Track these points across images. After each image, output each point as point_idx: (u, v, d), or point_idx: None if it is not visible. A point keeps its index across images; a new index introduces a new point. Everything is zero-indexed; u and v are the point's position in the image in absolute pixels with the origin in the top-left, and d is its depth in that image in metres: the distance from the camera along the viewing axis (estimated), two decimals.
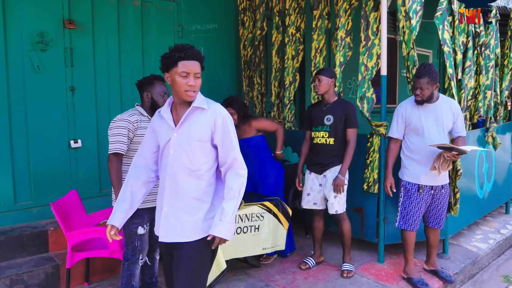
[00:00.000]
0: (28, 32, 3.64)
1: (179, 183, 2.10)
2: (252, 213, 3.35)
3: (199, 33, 4.79)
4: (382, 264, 3.78)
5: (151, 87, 2.84)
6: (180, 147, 2.08)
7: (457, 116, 3.32)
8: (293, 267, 3.75)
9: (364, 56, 3.80)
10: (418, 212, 3.36)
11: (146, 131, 2.25)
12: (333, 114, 3.55)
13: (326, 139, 3.56)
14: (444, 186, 3.39)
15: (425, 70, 3.17)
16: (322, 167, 3.58)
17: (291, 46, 4.50)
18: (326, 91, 3.56)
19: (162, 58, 2.06)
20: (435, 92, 3.25)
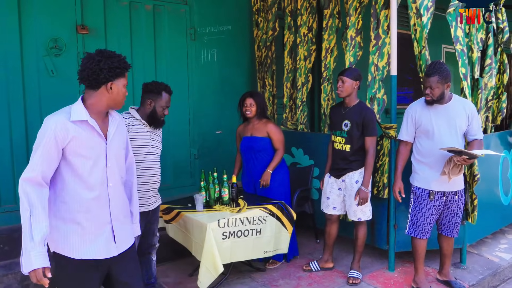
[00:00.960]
0: (42, 38, 3.78)
1: (120, 195, 2.10)
2: (253, 216, 3.30)
3: (212, 35, 4.80)
4: (392, 273, 3.63)
5: (157, 96, 2.87)
6: (114, 157, 2.06)
7: (472, 118, 3.11)
8: (298, 272, 3.68)
9: (375, 56, 3.67)
10: (429, 219, 3.20)
11: (48, 144, 1.87)
12: (351, 119, 3.40)
13: (343, 145, 3.45)
14: (458, 193, 3.19)
15: (435, 68, 3.01)
16: (340, 172, 3.49)
17: (303, 47, 4.42)
18: (349, 94, 3.40)
19: (110, 68, 1.95)
20: (446, 92, 3.07)
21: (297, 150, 4.42)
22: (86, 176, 1.94)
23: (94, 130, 1.98)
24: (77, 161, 1.92)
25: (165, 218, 3.54)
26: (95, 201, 1.98)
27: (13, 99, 3.67)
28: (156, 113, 2.86)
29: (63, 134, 1.88)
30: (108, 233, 2.03)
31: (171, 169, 4.67)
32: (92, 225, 1.98)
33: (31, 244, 1.77)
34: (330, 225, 3.64)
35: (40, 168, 1.86)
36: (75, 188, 1.94)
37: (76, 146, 1.91)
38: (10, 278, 3.22)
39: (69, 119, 1.91)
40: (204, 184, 3.53)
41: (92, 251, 1.98)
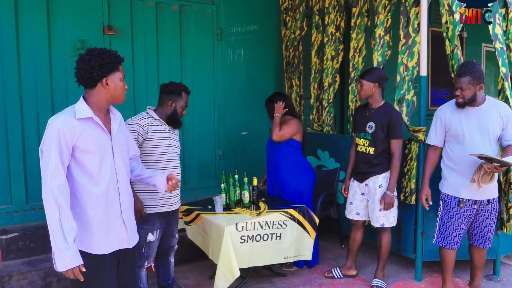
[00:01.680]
0: (70, 39, 3.86)
1: (128, 190, 2.16)
2: (273, 221, 3.22)
3: (239, 35, 4.75)
4: (419, 283, 3.45)
5: (178, 97, 2.87)
6: (119, 153, 2.11)
7: (507, 122, 2.89)
8: (320, 278, 3.57)
9: (404, 55, 3.51)
10: (458, 229, 3.01)
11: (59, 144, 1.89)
12: (376, 121, 3.27)
13: (366, 148, 3.32)
14: (491, 201, 2.98)
15: (467, 69, 2.83)
16: (363, 176, 3.36)
17: (331, 46, 4.30)
18: (370, 96, 3.29)
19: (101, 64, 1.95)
20: (479, 94, 2.87)
21: (323, 153, 4.31)
22: (96, 172, 1.99)
23: (99, 126, 2.02)
24: (85, 158, 1.96)
25: (185, 219, 3.53)
26: (105, 195, 2.02)
27: (41, 99, 3.77)
28: (176, 113, 2.87)
29: (71, 133, 1.91)
30: (121, 225, 2.10)
31: (195, 169, 4.66)
32: (105, 220, 2.03)
33: (65, 245, 1.86)
34: (355, 231, 3.52)
35: (61, 171, 1.90)
36: (85, 184, 1.98)
37: (84, 143, 1.95)
38: (34, 275, 3.30)
39: (74, 118, 1.95)
40: (224, 186, 3.49)
41: (108, 245, 2.05)
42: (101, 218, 2.01)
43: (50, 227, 1.87)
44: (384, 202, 3.21)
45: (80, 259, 1.91)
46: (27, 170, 3.74)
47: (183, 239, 3.61)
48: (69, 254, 1.86)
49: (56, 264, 1.89)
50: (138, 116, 2.81)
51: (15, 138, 3.68)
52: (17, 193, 3.73)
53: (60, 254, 1.86)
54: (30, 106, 3.74)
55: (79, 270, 1.90)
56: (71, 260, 1.87)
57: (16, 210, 3.75)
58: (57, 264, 1.88)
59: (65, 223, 1.87)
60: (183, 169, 4.55)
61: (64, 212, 1.87)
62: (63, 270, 1.88)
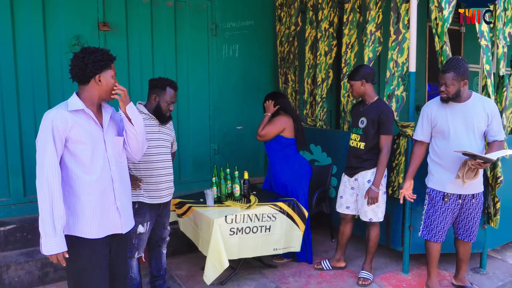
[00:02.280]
0: (65, 35, 3.93)
1: (122, 177, 2.27)
2: (263, 213, 3.30)
3: (234, 31, 4.80)
4: (406, 275, 3.52)
5: (162, 92, 2.89)
6: (111, 144, 2.22)
7: (492, 117, 2.93)
8: (310, 270, 3.65)
9: (394, 51, 3.55)
10: (443, 223, 3.07)
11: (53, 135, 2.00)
12: (367, 117, 3.33)
13: (357, 143, 3.38)
14: (475, 196, 3.04)
15: (452, 64, 2.87)
16: (353, 170, 3.43)
17: (324, 42, 4.34)
18: (362, 94, 3.35)
19: (94, 61, 2.08)
20: (463, 90, 2.92)
21: (316, 147, 4.37)
22: (88, 161, 2.11)
23: (91, 118, 2.14)
24: (78, 148, 2.08)
25: (177, 212, 3.61)
26: (98, 183, 2.13)
27: (38, 94, 3.85)
28: (160, 108, 2.89)
29: (63, 124, 2.03)
30: (114, 212, 2.22)
31: (191, 163, 4.74)
32: (99, 206, 2.14)
33: (53, 233, 1.99)
34: (344, 225, 3.59)
35: (56, 161, 2.02)
36: (78, 173, 2.09)
37: (76, 134, 2.07)
38: (31, 265, 3.40)
39: (67, 110, 2.07)
40: (216, 179, 3.56)
41: (101, 230, 2.16)
42: (95, 204, 2.13)
43: (41, 212, 2.00)
44: (368, 197, 3.27)
45: (65, 245, 2.04)
46: (25, 164, 3.84)
47: (177, 232, 3.70)
48: (55, 241, 2.00)
49: (42, 248, 2.01)
50: None
51: (12, 133, 3.77)
52: (15, 186, 3.83)
53: (47, 239, 1.99)
54: (27, 101, 3.82)
55: (62, 256, 2.04)
56: (57, 246, 2.00)
57: (14, 203, 3.84)
58: (43, 248, 2.01)
59: (56, 211, 1.99)
60: (179, 163, 4.63)
61: (56, 200, 2.00)
62: (48, 255, 2.01)
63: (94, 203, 2.13)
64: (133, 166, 2.87)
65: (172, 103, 2.93)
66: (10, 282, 3.32)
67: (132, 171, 2.87)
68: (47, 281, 3.44)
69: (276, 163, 3.75)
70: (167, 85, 2.90)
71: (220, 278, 3.33)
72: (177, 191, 4.26)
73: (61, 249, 2.02)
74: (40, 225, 2.00)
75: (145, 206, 2.91)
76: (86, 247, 2.12)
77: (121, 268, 2.39)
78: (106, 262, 2.23)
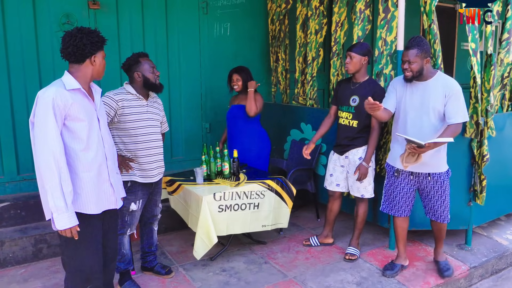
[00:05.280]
0: (55, 14, 3.91)
1: (113, 155, 2.38)
2: (251, 191, 3.36)
3: (225, 9, 4.78)
4: (392, 251, 3.61)
5: (139, 65, 2.89)
6: (103, 122, 2.33)
7: (448, 98, 2.83)
8: (298, 246, 3.73)
9: (383, 30, 3.55)
10: (402, 198, 3.11)
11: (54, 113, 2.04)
12: (360, 95, 3.34)
13: (350, 121, 3.41)
14: (432, 175, 2.99)
15: (415, 42, 2.85)
16: (343, 148, 3.46)
17: (315, 20, 4.33)
18: (358, 69, 3.33)
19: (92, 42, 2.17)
20: (425, 68, 2.88)
21: (306, 126, 4.40)
22: (86, 138, 2.18)
23: (86, 96, 2.22)
24: (76, 126, 2.14)
25: (168, 189, 3.67)
26: (95, 160, 2.22)
27: (29, 74, 3.86)
28: (148, 80, 2.89)
29: (63, 102, 2.08)
30: (109, 188, 2.33)
31: (183, 142, 4.78)
32: (96, 182, 2.23)
33: (65, 207, 2.05)
34: (333, 202, 3.65)
35: (59, 137, 2.07)
36: (76, 150, 2.16)
37: (75, 111, 2.12)
38: (25, 241, 3.48)
39: (64, 89, 2.12)
40: (205, 158, 3.61)
41: (99, 205, 2.26)
42: (93, 180, 2.21)
43: (49, 189, 2.03)
44: (359, 172, 3.32)
45: (76, 219, 2.11)
46: (18, 143, 3.87)
47: (169, 209, 3.77)
48: (67, 215, 2.06)
49: (54, 224, 2.08)
50: (114, 91, 2.88)
51: (4, 112, 3.80)
52: (8, 164, 3.88)
53: (60, 214, 2.05)
54: (18, 80, 3.83)
55: (75, 229, 2.12)
56: (69, 220, 2.07)
57: (8, 181, 3.90)
58: (56, 223, 2.06)
59: (65, 186, 2.06)
60: (171, 141, 4.67)
61: (64, 175, 2.06)
62: (62, 229, 2.07)
63: (92, 179, 2.21)
64: (124, 147, 2.91)
65: (154, 68, 2.94)
66: (4, 258, 3.40)
67: (123, 151, 2.91)
68: (40, 256, 3.52)
69: (254, 134, 3.99)
70: (138, 57, 2.92)
71: (210, 254, 3.42)
72: (169, 170, 4.33)
73: (74, 222, 2.09)
74: (50, 201, 2.03)
75: (137, 184, 2.96)
76: (83, 222, 2.19)
77: (112, 243, 2.48)
78: (100, 236, 2.32)
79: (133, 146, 2.91)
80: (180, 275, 3.26)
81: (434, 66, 3.55)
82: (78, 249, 2.23)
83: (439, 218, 3.10)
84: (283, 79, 4.81)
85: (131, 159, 2.91)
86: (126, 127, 2.87)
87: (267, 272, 3.29)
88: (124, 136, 2.89)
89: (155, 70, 2.94)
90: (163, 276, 3.22)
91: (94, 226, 2.27)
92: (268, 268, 3.35)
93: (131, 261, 3.12)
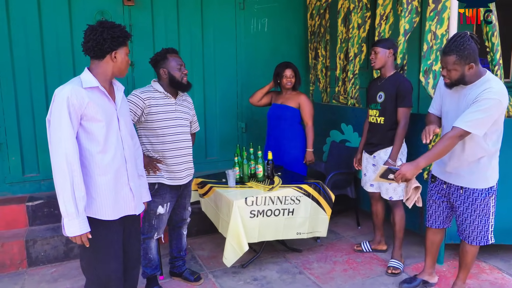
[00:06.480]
0: (90, 11, 3.89)
1: (133, 158, 2.21)
2: (286, 196, 3.15)
3: (263, 4, 4.59)
4: (440, 266, 3.28)
5: (165, 62, 2.75)
6: (124, 123, 2.16)
7: (473, 103, 2.36)
8: (336, 256, 3.48)
9: (433, 22, 3.22)
10: (431, 207, 2.80)
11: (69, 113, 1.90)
12: (385, 90, 3.16)
13: (377, 118, 3.23)
14: (465, 189, 2.57)
15: (454, 45, 2.34)
16: (372, 147, 3.28)
17: (357, 13, 4.05)
18: (384, 64, 3.16)
19: (113, 37, 2.01)
20: (468, 74, 2.38)
21: (347, 127, 4.13)
22: (103, 139, 2.03)
23: (105, 95, 2.06)
24: (93, 126, 2.00)
25: (199, 191, 3.53)
26: (112, 163, 2.07)
27: (64, 71, 3.85)
28: (174, 78, 2.75)
29: (79, 101, 1.94)
30: (128, 192, 2.16)
31: (218, 142, 4.64)
32: (113, 187, 2.08)
33: (76, 213, 1.91)
34: (375, 204, 3.44)
35: (74, 138, 1.94)
36: (93, 152, 2.02)
37: (92, 111, 1.98)
38: (57, 240, 3.45)
39: (81, 87, 1.98)
40: (238, 159, 3.44)
41: (116, 211, 2.10)
42: (109, 185, 2.06)
43: (61, 193, 1.90)
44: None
45: (88, 226, 1.97)
46: None
47: (201, 211, 3.63)
48: (78, 222, 1.92)
49: (65, 230, 1.94)
50: (141, 89, 2.76)
51: (40, 109, 3.81)
52: (43, 162, 3.89)
53: (70, 221, 1.91)
54: (53, 77, 3.85)
55: (86, 236, 1.97)
56: (80, 227, 1.93)
57: (43, 179, 3.91)
58: (66, 230, 1.93)
59: (77, 191, 1.92)
60: (205, 142, 4.55)
61: (77, 179, 1.92)
62: (72, 236, 1.94)
63: (108, 183, 2.06)
64: (151, 147, 2.79)
65: (182, 66, 2.78)
66: (36, 256, 3.39)
67: (151, 152, 2.79)
68: (71, 256, 3.49)
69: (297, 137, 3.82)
70: (166, 53, 2.77)
71: (241, 261, 3.24)
72: (204, 170, 4.22)
73: (84, 229, 1.95)
74: (62, 206, 1.91)
75: (165, 187, 2.83)
76: (101, 228, 2.06)
77: (133, 249, 2.34)
78: (120, 243, 2.18)
79: (161, 147, 2.77)
80: (209, 282, 3.11)
81: (492, 62, 3.20)
82: (97, 255, 2.10)
83: (466, 238, 2.64)
84: (323, 77, 4.56)
85: (158, 160, 2.79)
86: (153, 127, 2.74)
87: (301, 283, 3.07)
88: (152, 136, 2.76)
89: (183, 68, 2.79)
90: (191, 282, 3.08)
91: (113, 232, 2.12)
92: (302, 279, 3.12)
93: (159, 266, 2.99)
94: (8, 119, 3.77)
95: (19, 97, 3.79)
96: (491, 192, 2.58)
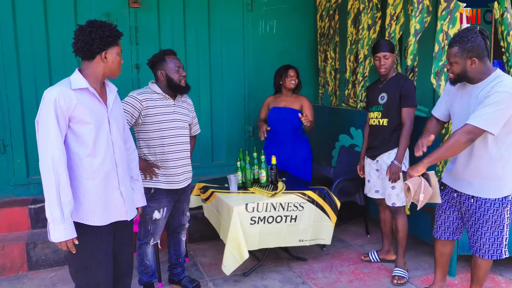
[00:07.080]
0: (95, 13, 3.86)
1: (124, 162, 2.13)
2: (289, 202, 3.03)
3: (271, 5, 4.50)
4: (452, 278, 3.11)
5: (163, 63, 2.68)
6: (115, 125, 2.08)
7: (485, 98, 2.21)
8: (342, 265, 3.34)
9: (444, 22, 3.07)
10: (441, 217, 2.63)
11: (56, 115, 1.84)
12: (388, 91, 3.06)
13: (379, 120, 3.11)
14: (476, 199, 2.40)
15: (459, 36, 2.26)
16: (374, 151, 3.16)
17: (367, 14, 3.92)
18: (391, 68, 3.09)
19: (102, 37, 1.95)
20: (471, 70, 2.26)
21: (356, 131, 4.00)
22: (92, 143, 1.96)
23: (95, 97, 1.99)
24: (81, 129, 1.94)
25: (202, 196, 3.45)
26: (102, 167, 2.00)
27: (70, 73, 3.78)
28: (172, 79, 2.68)
29: (67, 103, 1.87)
30: (118, 197, 2.09)
31: (224, 146, 4.56)
32: (102, 191, 2.01)
33: (62, 218, 1.85)
34: (383, 211, 3.30)
35: (61, 141, 1.88)
36: (81, 156, 1.95)
37: (80, 113, 1.91)
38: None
39: (70, 88, 1.91)
40: (241, 164, 3.34)
41: (105, 216, 2.04)
42: (98, 189, 1.99)
43: (47, 197, 1.86)
44: (390, 172, 2.98)
45: (74, 232, 1.90)
46: None
47: (205, 217, 3.54)
48: (63, 227, 1.85)
49: (50, 235, 1.89)
50: (138, 91, 2.70)
51: None
52: None
53: (55, 226, 1.85)
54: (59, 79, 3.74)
55: (72, 242, 1.90)
56: (65, 232, 1.86)
57: None
58: (52, 235, 1.87)
59: (63, 195, 1.85)
60: (211, 145, 4.47)
61: (63, 183, 1.85)
62: (57, 242, 1.87)
63: (97, 188, 1.98)
64: (147, 151, 2.72)
65: (180, 68, 2.71)
66: (37, 260, 3.36)
67: (148, 156, 2.72)
68: None
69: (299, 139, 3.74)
70: (164, 54, 2.70)
71: (243, 269, 3.14)
72: (210, 174, 4.14)
73: (70, 235, 1.88)
74: (47, 211, 1.86)
75: (161, 191, 2.75)
76: (89, 234, 1.99)
77: (125, 256, 2.25)
78: (110, 249, 2.09)
79: (159, 149, 2.70)
80: None
81: (508, 62, 3.03)
82: (85, 261, 2.02)
83: (478, 251, 2.47)
84: (332, 80, 4.44)
85: (156, 165, 2.71)
86: (151, 129, 2.67)
87: None
88: (149, 139, 2.69)
89: (181, 70, 2.71)
90: None
91: (102, 238, 2.04)
92: None
93: (155, 273, 2.92)
94: (13, 121, 3.77)
95: (25, 100, 3.79)
96: (506, 202, 2.38)
